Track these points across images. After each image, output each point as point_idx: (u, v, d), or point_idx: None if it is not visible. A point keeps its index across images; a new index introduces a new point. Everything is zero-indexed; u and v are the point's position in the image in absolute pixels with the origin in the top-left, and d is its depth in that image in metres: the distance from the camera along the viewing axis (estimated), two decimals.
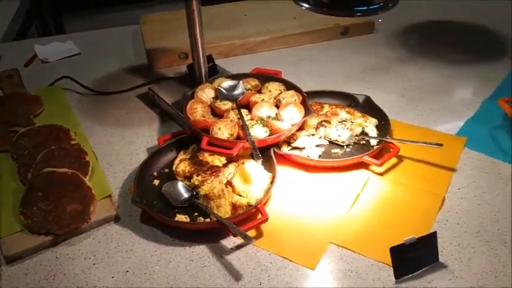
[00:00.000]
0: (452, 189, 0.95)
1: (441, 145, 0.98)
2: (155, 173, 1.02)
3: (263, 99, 1.12)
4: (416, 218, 0.90)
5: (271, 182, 0.95)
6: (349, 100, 1.20)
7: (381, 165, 0.98)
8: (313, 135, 1.10)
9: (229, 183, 0.93)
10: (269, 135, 1.02)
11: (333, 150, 1.06)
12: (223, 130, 1.02)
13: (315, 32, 1.55)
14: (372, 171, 1.01)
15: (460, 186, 0.96)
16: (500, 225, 0.87)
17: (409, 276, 0.78)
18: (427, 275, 0.79)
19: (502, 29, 1.57)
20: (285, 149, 1.06)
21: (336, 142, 1.08)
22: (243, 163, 0.99)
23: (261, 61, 1.46)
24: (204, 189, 0.92)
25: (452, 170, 1.00)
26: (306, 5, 0.80)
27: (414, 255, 0.78)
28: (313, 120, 1.11)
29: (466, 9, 1.72)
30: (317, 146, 1.07)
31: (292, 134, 1.07)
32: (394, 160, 1.02)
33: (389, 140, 1.04)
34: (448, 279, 0.78)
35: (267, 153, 1.02)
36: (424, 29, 1.63)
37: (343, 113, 1.12)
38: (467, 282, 0.77)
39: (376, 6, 0.79)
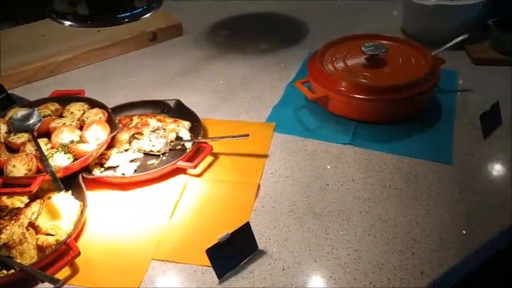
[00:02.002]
0: (266, 175, 0.99)
1: (247, 136, 1.00)
2: None
3: (64, 124, 1.03)
4: (235, 212, 0.90)
5: (82, 212, 0.88)
6: (161, 107, 1.17)
7: (195, 167, 0.97)
8: (126, 150, 1.05)
9: (31, 225, 0.84)
10: (73, 161, 0.94)
11: (149, 162, 1.02)
12: (19, 167, 0.91)
13: (122, 43, 1.49)
14: (190, 174, 1.00)
15: (273, 171, 1.00)
16: (310, 200, 0.92)
17: (232, 272, 0.78)
18: (249, 265, 0.80)
19: (300, 16, 1.68)
20: (97, 172, 0.99)
21: (151, 153, 1.04)
22: (49, 198, 0.90)
23: (68, 82, 1.36)
24: (3, 238, 0.82)
25: (265, 156, 1.04)
26: (68, 22, 0.75)
27: (232, 250, 0.78)
28: (124, 135, 1.06)
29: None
30: (132, 161, 1.03)
31: (104, 154, 1.01)
32: (210, 159, 1.02)
33: (200, 140, 1.04)
34: (268, 264, 0.80)
35: (76, 180, 0.95)
36: (230, 24, 1.68)
37: (153, 122, 1.09)
38: (285, 262, 0.80)
39: (139, 9, 0.77)
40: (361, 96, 1.06)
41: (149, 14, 0.78)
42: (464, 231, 0.83)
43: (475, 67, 1.32)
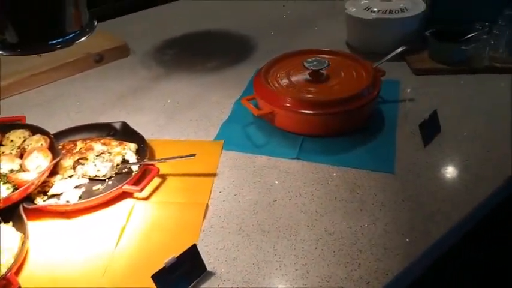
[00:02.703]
0: (215, 194, 0.98)
1: (194, 155, 1.00)
2: None
3: (3, 152, 1.00)
4: (184, 234, 0.89)
5: (23, 244, 0.85)
6: (107, 130, 1.15)
7: (141, 190, 0.96)
8: (71, 176, 1.02)
9: None
10: (13, 191, 0.91)
11: (94, 187, 1.00)
12: None
13: (67, 66, 1.46)
14: (137, 198, 0.98)
15: (222, 189, 0.99)
16: (258, 217, 0.92)
17: None
18: None
19: (248, 32, 1.70)
20: (40, 201, 0.96)
21: (96, 178, 1.02)
22: None
23: (8, 109, 1.31)
24: None
25: (213, 175, 1.03)
26: None
27: (180, 274, 0.77)
28: (68, 161, 1.03)
29: (210, 17, 1.84)
30: (76, 187, 1.00)
31: (47, 182, 0.99)
32: (157, 180, 1.01)
33: (147, 162, 1.02)
34: (217, 285, 0.79)
35: (17, 211, 0.91)
36: (178, 43, 1.67)
37: (98, 146, 1.07)
38: (234, 282, 0.79)
39: (72, 35, 0.76)
40: (305, 111, 1.08)
41: (83, 39, 0.77)
42: (407, 239, 0.85)
43: (416, 77, 1.37)
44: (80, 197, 0.97)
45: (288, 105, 1.10)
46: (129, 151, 1.07)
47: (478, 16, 1.41)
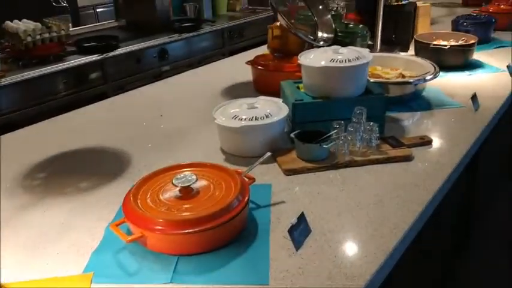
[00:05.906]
0: None
1: None
2: None
3: None
4: None
5: None
6: None
7: None
8: None
9: None
10: None
11: None
12: None
13: None
14: None
15: None
16: None
17: None
18: None
19: (123, 147, 1.69)
20: None
21: None
22: None
23: None
24: None
25: None
26: None
27: None
28: None
29: (80, 134, 1.81)
30: None
31: None
32: None
33: None
34: None
35: None
36: (47, 165, 1.59)
37: None
38: None
39: None
40: (175, 232, 1.07)
41: None
42: None
43: (286, 177, 1.43)
44: None
45: (157, 227, 1.07)
46: None
47: (335, 115, 1.55)
